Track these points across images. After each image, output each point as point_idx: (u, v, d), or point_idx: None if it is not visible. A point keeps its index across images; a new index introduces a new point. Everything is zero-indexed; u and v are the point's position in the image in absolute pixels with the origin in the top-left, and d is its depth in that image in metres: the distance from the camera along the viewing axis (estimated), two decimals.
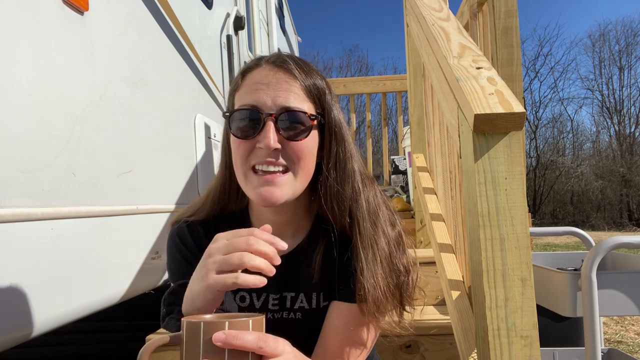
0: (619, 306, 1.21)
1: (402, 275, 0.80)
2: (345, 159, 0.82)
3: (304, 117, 0.76)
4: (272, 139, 0.73)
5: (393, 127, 16.36)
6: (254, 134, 0.75)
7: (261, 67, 0.79)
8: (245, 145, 0.76)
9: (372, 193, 0.84)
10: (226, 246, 0.62)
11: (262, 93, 0.75)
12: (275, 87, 0.76)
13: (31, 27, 0.95)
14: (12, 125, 0.88)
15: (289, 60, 0.79)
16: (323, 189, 0.81)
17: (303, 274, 0.86)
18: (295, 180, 0.77)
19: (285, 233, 0.88)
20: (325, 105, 0.81)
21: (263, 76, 0.77)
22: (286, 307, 0.87)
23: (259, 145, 0.74)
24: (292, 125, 0.75)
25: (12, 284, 0.87)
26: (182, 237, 0.88)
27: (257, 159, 0.75)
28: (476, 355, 0.78)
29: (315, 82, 0.80)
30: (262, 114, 0.74)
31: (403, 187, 3.55)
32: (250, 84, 0.78)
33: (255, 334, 0.56)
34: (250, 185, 0.77)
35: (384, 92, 4.09)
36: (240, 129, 0.76)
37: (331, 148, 0.81)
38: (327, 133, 0.81)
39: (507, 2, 1.38)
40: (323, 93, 0.81)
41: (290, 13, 5.16)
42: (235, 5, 2.49)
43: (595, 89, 21.46)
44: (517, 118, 0.69)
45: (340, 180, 0.81)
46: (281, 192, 0.75)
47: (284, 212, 0.84)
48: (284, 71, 0.77)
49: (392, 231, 0.83)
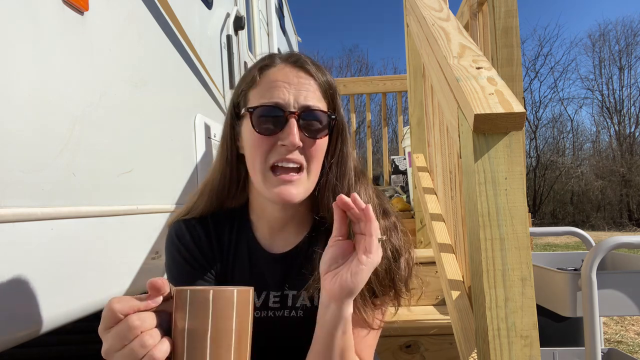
0: (619, 306, 1.21)
1: (391, 261, 0.80)
2: (346, 156, 0.85)
3: (323, 116, 0.79)
4: (296, 136, 0.76)
5: (393, 127, 16.37)
6: (277, 131, 0.77)
7: (279, 65, 0.81)
8: (266, 141, 0.78)
9: (363, 186, 0.86)
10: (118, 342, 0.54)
11: (285, 91, 0.77)
12: (297, 86, 0.78)
13: (31, 27, 0.95)
14: (12, 125, 0.88)
15: (307, 60, 0.82)
16: (323, 183, 0.84)
17: (304, 272, 0.86)
18: (308, 179, 0.80)
19: (288, 231, 0.88)
20: (336, 104, 0.84)
21: (283, 75, 0.79)
22: (287, 306, 0.87)
23: (281, 143, 0.77)
24: (312, 123, 0.78)
25: (12, 284, 0.86)
26: (180, 236, 0.88)
27: (277, 156, 0.77)
28: (476, 355, 0.78)
29: (329, 81, 0.83)
30: (285, 112, 0.76)
31: (403, 187, 3.55)
32: (269, 81, 0.79)
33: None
34: (268, 184, 0.79)
35: (384, 92, 4.09)
36: (262, 126, 0.77)
37: (337, 145, 0.84)
38: (336, 131, 0.84)
39: (507, 2, 1.38)
40: (335, 92, 0.84)
41: (290, 13, 5.16)
42: (235, 5, 2.49)
43: (595, 89, 21.49)
44: (517, 118, 0.69)
45: (339, 176, 0.84)
46: (297, 190, 0.78)
47: (289, 208, 0.85)
48: (304, 71, 0.80)
49: (384, 220, 0.84)
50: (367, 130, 4.39)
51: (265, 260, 0.88)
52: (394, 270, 0.80)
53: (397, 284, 0.81)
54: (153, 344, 0.52)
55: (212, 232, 0.90)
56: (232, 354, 0.54)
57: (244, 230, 0.90)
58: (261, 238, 0.89)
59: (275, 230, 0.88)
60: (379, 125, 11.86)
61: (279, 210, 0.85)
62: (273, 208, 0.85)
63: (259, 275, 0.87)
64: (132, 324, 0.52)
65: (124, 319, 0.53)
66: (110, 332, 0.53)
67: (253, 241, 0.89)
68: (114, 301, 0.54)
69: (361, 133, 5.07)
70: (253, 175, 0.81)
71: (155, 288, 0.55)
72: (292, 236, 0.88)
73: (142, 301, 0.55)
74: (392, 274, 0.80)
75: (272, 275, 0.88)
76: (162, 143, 1.54)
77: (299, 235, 0.88)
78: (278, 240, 0.89)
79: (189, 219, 0.89)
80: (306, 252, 0.86)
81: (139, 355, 0.52)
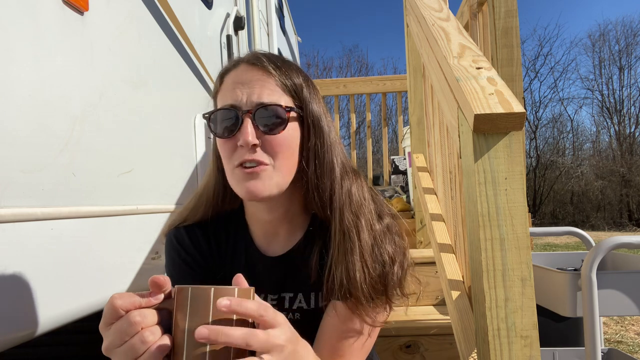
0: (619, 306, 1.21)
1: (386, 266, 0.79)
2: (323, 151, 0.82)
3: (279, 110, 0.77)
4: (250, 135, 0.74)
5: (393, 127, 16.37)
6: (234, 132, 0.76)
7: (238, 67, 0.81)
8: (228, 144, 0.77)
9: (355, 185, 0.83)
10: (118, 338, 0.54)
11: (239, 91, 0.77)
12: (250, 84, 0.77)
13: (31, 27, 0.95)
14: (12, 125, 0.88)
15: (262, 58, 0.80)
16: (304, 181, 0.82)
17: (301, 274, 0.85)
18: (276, 173, 0.77)
19: (282, 233, 0.88)
20: (303, 97, 0.81)
21: (239, 75, 0.79)
22: (284, 308, 0.87)
23: (239, 143, 0.75)
24: (268, 119, 0.76)
25: (12, 284, 0.86)
26: (179, 239, 0.88)
27: (239, 157, 0.76)
28: (476, 355, 0.78)
29: (291, 76, 0.81)
30: (239, 112, 0.76)
31: (403, 187, 3.55)
32: (228, 84, 0.80)
33: (257, 303, 0.56)
34: (235, 180, 0.78)
35: (384, 92, 4.09)
36: (222, 129, 0.78)
37: (310, 140, 0.82)
38: (305, 125, 0.82)
39: (507, 2, 1.38)
40: (300, 87, 0.81)
41: (290, 13, 5.16)
42: (235, 5, 2.49)
43: (595, 89, 21.48)
44: (517, 118, 0.69)
45: (319, 173, 0.81)
46: (263, 184, 0.76)
47: (276, 209, 0.84)
48: (258, 68, 0.79)
49: (379, 223, 0.82)
50: (367, 130, 4.39)
51: (262, 263, 0.88)
52: (387, 275, 0.79)
53: (388, 290, 0.79)
54: (153, 341, 0.53)
55: (211, 235, 0.90)
56: (231, 352, 0.54)
57: (241, 234, 0.90)
58: (258, 241, 0.89)
59: (269, 233, 0.88)
60: (379, 125, 11.86)
61: (265, 211, 0.84)
62: (260, 210, 0.84)
63: (256, 278, 0.87)
64: (133, 320, 0.52)
65: (125, 315, 0.53)
66: (111, 328, 0.53)
67: (250, 244, 0.89)
68: (116, 297, 0.54)
69: (361, 133, 5.07)
70: (227, 177, 0.81)
71: (157, 285, 0.55)
72: (288, 238, 0.88)
73: (144, 298, 0.55)
74: (385, 280, 0.79)
75: (269, 278, 0.88)
76: (162, 143, 1.54)
77: (294, 237, 0.88)
78: (274, 243, 0.88)
79: (187, 224, 0.89)
80: (302, 253, 0.86)
81: (139, 351, 0.52)
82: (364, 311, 0.78)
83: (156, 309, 0.56)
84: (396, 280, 0.80)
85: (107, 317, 0.54)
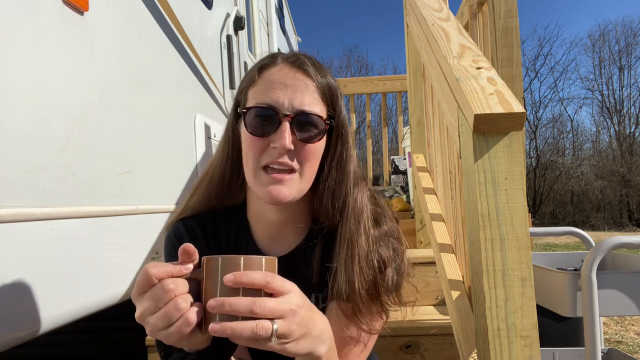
0: (619, 306, 1.21)
1: (378, 271, 0.79)
2: (346, 160, 0.83)
3: (319, 120, 0.77)
4: (287, 140, 0.74)
5: (393, 127, 16.37)
6: (269, 133, 0.75)
7: (278, 65, 0.79)
8: (259, 143, 0.76)
9: (360, 192, 0.84)
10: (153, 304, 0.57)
11: (280, 93, 0.76)
12: (292, 88, 0.76)
13: (31, 27, 0.95)
14: (12, 125, 0.88)
15: (306, 61, 0.79)
16: (322, 187, 0.82)
17: (302, 275, 0.85)
18: (301, 180, 0.78)
19: (286, 233, 0.87)
20: (337, 107, 0.81)
21: (281, 75, 0.77)
22: None
23: (273, 145, 0.75)
24: (307, 127, 0.76)
25: (12, 284, 0.87)
26: (178, 236, 0.88)
27: (269, 158, 0.76)
28: (476, 356, 0.78)
29: (330, 83, 0.80)
30: (278, 114, 0.75)
31: (403, 187, 3.55)
32: (267, 82, 0.78)
33: (262, 272, 0.58)
34: (259, 182, 0.77)
35: (384, 92, 4.09)
36: (255, 127, 0.76)
37: (337, 149, 0.82)
38: (335, 134, 0.82)
39: (507, 2, 1.38)
40: (336, 95, 0.81)
41: (290, 13, 5.16)
42: (235, 6, 2.49)
43: (595, 89, 21.50)
44: (517, 118, 0.69)
45: (338, 180, 0.82)
46: (288, 190, 0.76)
47: (285, 211, 0.84)
48: (302, 72, 0.78)
49: (375, 229, 0.83)
50: (367, 130, 4.39)
51: None
52: (380, 280, 0.79)
53: (382, 295, 0.79)
54: (186, 308, 0.55)
55: (210, 233, 0.89)
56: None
57: (242, 232, 0.90)
58: (260, 241, 0.89)
59: (273, 234, 0.88)
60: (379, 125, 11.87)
61: (275, 212, 0.84)
62: (270, 210, 0.84)
63: None
64: (167, 287, 0.55)
65: (159, 283, 0.56)
66: (144, 295, 0.56)
67: (251, 244, 0.89)
68: (150, 266, 0.57)
69: (361, 133, 5.08)
70: (246, 173, 0.80)
71: (187, 253, 0.59)
72: (290, 239, 0.88)
73: (175, 267, 0.58)
74: (376, 284, 0.78)
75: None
76: (162, 143, 1.54)
77: (297, 238, 0.88)
78: (276, 243, 0.88)
79: (187, 220, 0.89)
80: (304, 254, 0.86)
81: (174, 317, 0.55)
82: (361, 317, 0.78)
83: (185, 278, 0.58)
84: (391, 285, 0.80)
85: (141, 285, 0.57)
